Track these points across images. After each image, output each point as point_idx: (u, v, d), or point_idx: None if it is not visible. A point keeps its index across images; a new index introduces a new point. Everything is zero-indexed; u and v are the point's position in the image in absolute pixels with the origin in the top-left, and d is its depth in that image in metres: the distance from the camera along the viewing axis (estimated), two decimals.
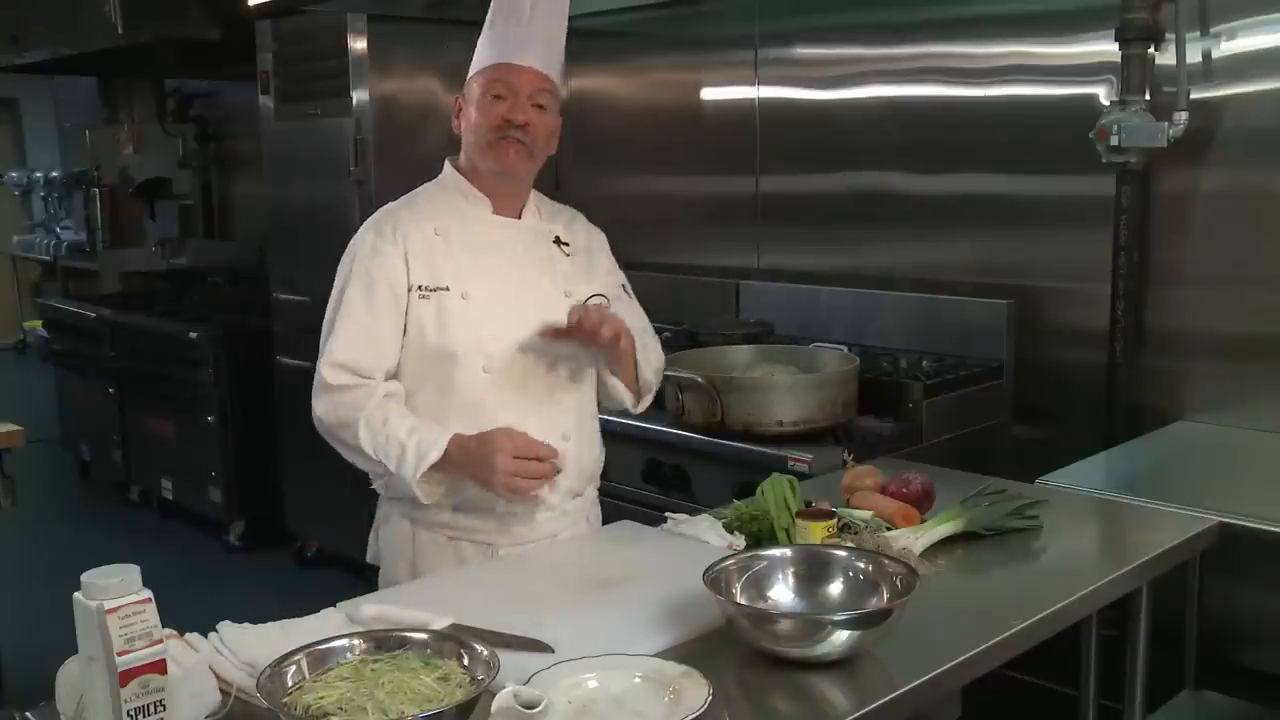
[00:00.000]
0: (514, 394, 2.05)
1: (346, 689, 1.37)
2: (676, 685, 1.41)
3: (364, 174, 4.26)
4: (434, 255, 2.04)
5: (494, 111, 2.02)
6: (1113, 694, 2.20)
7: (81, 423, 6.18)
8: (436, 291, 2.03)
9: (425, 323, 2.02)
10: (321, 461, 2.06)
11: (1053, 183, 3.22)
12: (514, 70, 2.02)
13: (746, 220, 4.01)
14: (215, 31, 4.97)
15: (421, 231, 2.06)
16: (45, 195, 9.05)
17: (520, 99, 2.01)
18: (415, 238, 2.04)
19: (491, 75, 2.04)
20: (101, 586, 1.29)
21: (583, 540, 2.14)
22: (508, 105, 2.01)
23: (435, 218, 2.08)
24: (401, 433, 1.95)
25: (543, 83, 2.04)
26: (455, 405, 2.02)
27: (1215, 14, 2.89)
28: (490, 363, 2.03)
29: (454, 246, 2.06)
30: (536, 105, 2.03)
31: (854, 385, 2.97)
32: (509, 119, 2.01)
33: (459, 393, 2.03)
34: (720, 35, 4.03)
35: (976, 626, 1.69)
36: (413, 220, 2.07)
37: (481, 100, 2.04)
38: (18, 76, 7.66)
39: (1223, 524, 2.16)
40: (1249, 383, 2.92)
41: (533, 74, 2.02)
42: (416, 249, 2.04)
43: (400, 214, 2.09)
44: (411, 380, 2.05)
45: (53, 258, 8.55)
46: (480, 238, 2.08)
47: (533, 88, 2.02)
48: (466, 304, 2.03)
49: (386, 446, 1.95)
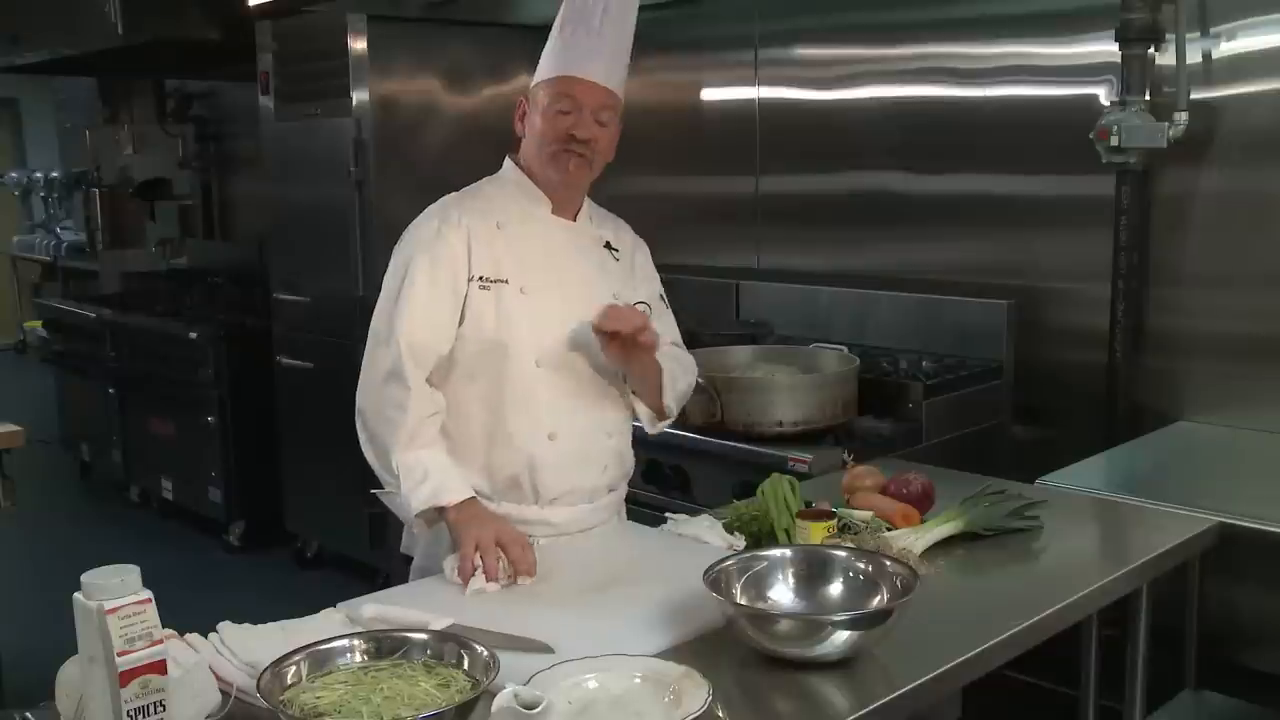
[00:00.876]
0: (564, 388, 2.08)
1: (345, 691, 1.37)
2: (676, 685, 1.42)
3: (364, 174, 4.25)
4: (496, 247, 2.07)
5: (559, 126, 2.03)
6: (1113, 694, 2.20)
7: (81, 423, 6.18)
8: (496, 283, 2.05)
9: (484, 313, 2.05)
10: (322, 462, 2.07)
11: (1053, 183, 3.22)
12: (580, 85, 2.03)
13: (746, 220, 4.01)
14: (215, 32, 4.98)
15: (485, 223, 2.08)
16: (45, 195, 9.05)
17: (585, 115, 2.03)
18: (479, 228, 2.07)
19: (558, 88, 2.04)
20: (102, 587, 1.29)
21: (582, 541, 2.14)
22: (572, 120, 2.03)
23: (498, 211, 2.10)
24: (432, 462, 1.98)
25: (607, 98, 2.05)
26: (507, 396, 2.05)
27: (1215, 14, 2.89)
28: (543, 357, 2.06)
29: (514, 241, 2.09)
30: (599, 122, 2.05)
31: (854, 385, 2.97)
32: (573, 134, 2.03)
33: (510, 384, 2.05)
34: (720, 36, 4.03)
35: (976, 627, 1.69)
36: (476, 211, 2.09)
37: (547, 112, 2.05)
38: (18, 76, 7.67)
39: (1223, 524, 2.17)
40: (1249, 383, 2.91)
41: (597, 89, 2.04)
42: (480, 239, 2.06)
43: (465, 203, 2.11)
44: (465, 369, 2.07)
45: (53, 258, 8.54)
46: (539, 235, 2.11)
47: (597, 103, 2.04)
48: (525, 298, 2.06)
49: (410, 469, 1.97)
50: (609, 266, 2.19)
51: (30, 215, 9.38)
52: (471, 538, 1.88)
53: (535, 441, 2.06)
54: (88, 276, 7.52)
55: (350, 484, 3.14)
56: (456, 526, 1.94)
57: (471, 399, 2.06)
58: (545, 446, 2.06)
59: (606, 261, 2.19)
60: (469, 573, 1.85)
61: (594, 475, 2.13)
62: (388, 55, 4.26)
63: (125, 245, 7.26)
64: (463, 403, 2.06)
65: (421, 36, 4.33)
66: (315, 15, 4.36)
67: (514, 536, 1.91)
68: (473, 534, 1.89)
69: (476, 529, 1.90)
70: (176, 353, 5.21)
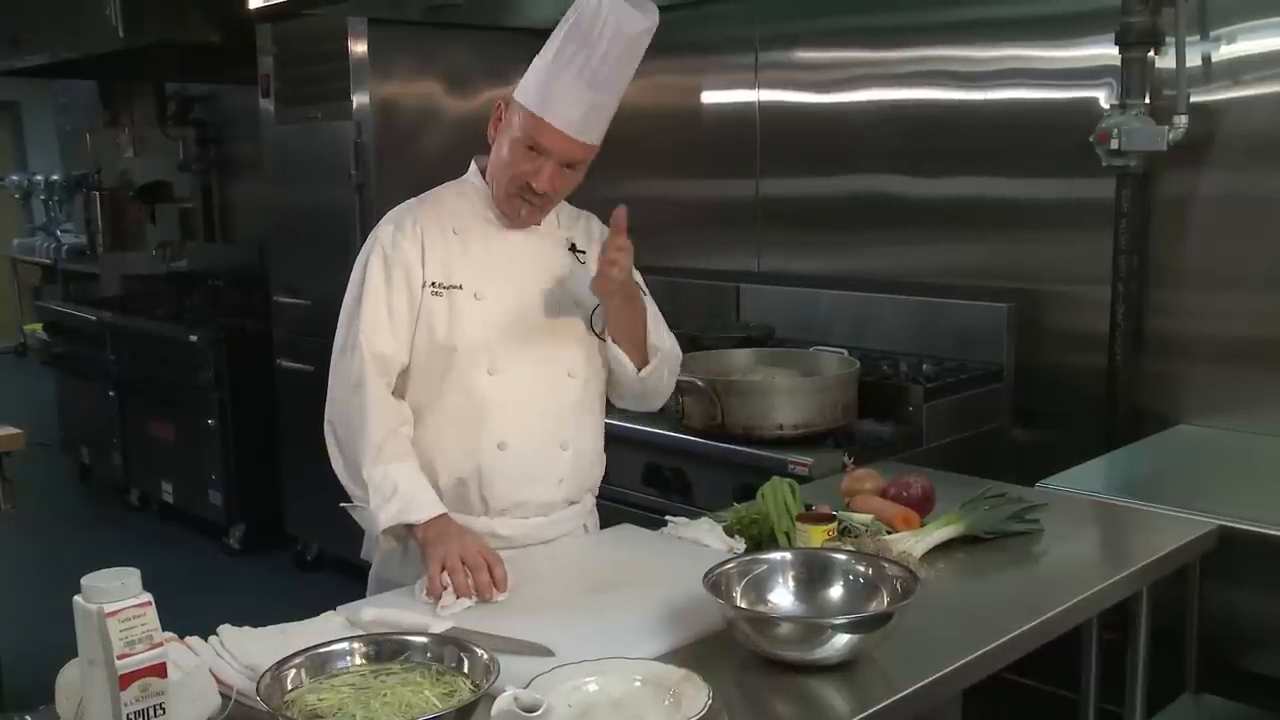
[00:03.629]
0: (517, 398, 2.04)
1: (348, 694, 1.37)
2: (676, 689, 1.41)
3: (364, 177, 4.27)
4: (450, 254, 2.05)
5: (520, 170, 1.99)
6: (1113, 698, 2.20)
7: (82, 426, 6.18)
8: (450, 290, 2.03)
9: (435, 320, 2.02)
10: (322, 464, 2.05)
11: (1053, 186, 3.22)
12: (554, 135, 1.95)
13: (747, 223, 4.01)
14: (216, 35, 4.99)
15: (440, 229, 2.06)
16: (46, 198, 9.06)
17: (549, 165, 1.97)
18: (433, 234, 2.05)
19: (531, 128, 1.96)
20: (102, 590, 1.29)
21: (583, 543, 2.14)
22: (534, 169, 1.98)
23: (455, 216, 2.08)
24: (404, 475, 1.94)
25: (580, 152, 1.99)
26: (459, 405, 2.02)
27: (1215, 17, 2.89)
28: (496, 364, 2.03)
29: (471, 247, 2.06)
30: (566, 166, 2.00)
31: (854, 388, 2.97)
32: (531, 185, 1.99)
33: (462, 393, 2.02)
34: (720, 39, 4.03)
35: (977, 630, 1.69)
36: (432, 217, 2.07)
37: (515, 146, 1.99)
38: (19, 79, 7.68)
39: (1223, 528, 2.16)
40: (1249, 386, 2.91)
41: (573, 144, 1.97)
42: (434, 246, 2.04)
43: (420, 210, 2.09)
44: (416, 376, 2.04)
45: (53, 261, 8.56)
46: (497, 241, 2.08)
47: (567, 155, 1.98)
48: (478, 305, 2.03)
49: (380, 482, 1.93)
50: (573, 271, 2.12)
51: (31, 218, 9.40)
52: (439, 556, 1.83)
53: (483, 451, 2.02)
54: (88, 279, 7.53)
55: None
56: (424, 545, 1.88)
57: (421, 405, 2.03)
58: (494, 456, 2.02)
59: (571, 266, 2.13)
60: (437, 592, 1.80)
61: (547, 489, 2.08)
62: (388, 58, 4.26)
63: (126, 248, 7.26)
64: (413, 409, 2.02)
65: (422, 40, 4.33)
66: (316, 18, 4.36)
67: (481, 553, 1.85)
68: (439, 552, 1.83)
69: (443, 547, 1.84)
70: (177, 355, 5.22)
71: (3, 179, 9.54)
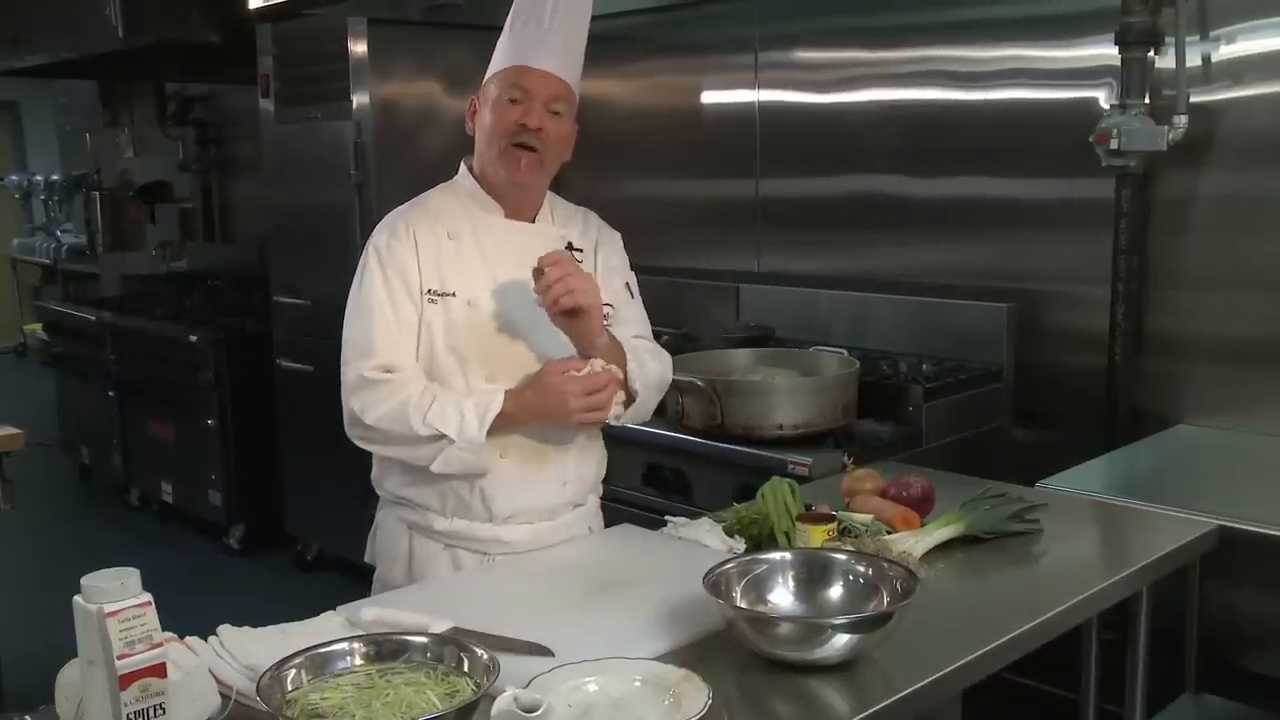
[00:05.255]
0: None
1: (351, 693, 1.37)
2: (676, 689, 1.41)
3: (364, 177, 4.26)
4: (443, 259, 2.04)
5: (508, 116, 2.00)
6: (1113, 698, 2.20)
7: (81, 426, 6.18)
8: (444, 297, 2.02)
9: (433, 327, 2.02)
10: (322, 465, 2.06)
11: (1052, 186, 3.22)
12: (530, 74, 2.00)
13: (747, 223, 4.01)
14: (215, 35, 4.99)
15: (433, 234, 2.05)
16: (45, 198, 9.07)
17: (535, 104, 2.00)
18: (427, 239, 2.04)
19: (508, 78, 2.01)
20: (101, 590, 1.29)
21: (582, 544, 2.14)
22: (522, 110, 1.99)
23: (447, 220, 2.07)
24: (454, 400, 1.96)
25: (559, 88, 2.02)
26: None
27: (1215, 18, 2.89)
28: (493, 371, 2.03)
29: (465, 251, 2.05)
30: (552, 111, 2.01)
31: (854, 388, 2.97)
32: (523, 124, 1.99)
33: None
34: (720, 39, 4.03)
35: (977, 630, 1.69)
36: (425, 222, 2.06)
37: (497, 103, 2.02)
38: (18, 79, 7.68)
39: (1223, 527, 2.16)
40: (1249, 386, 2.91)
41: (550, 79, 2.01)
42: (428, 251, 2.03)
43: (412, 215, 2.08)
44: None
45: (53, 261, 8.56)
46: (491, 243, 2.07)
47: (549, 93, 2.00)
48: (472, 311, 2.03)
49: (444, 414, 1.94)
50: None
51: (30, 218, 9.40)
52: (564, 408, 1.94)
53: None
54: (88, 279, 7.53)
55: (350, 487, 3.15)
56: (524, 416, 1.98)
57: None
58: (495, 464, 2.02)
59: None
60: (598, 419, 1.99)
61: (551, 493, 2.09)
62: (388, 58, 4.26)
63: (125, 248, 7.26)
64: None
65: (422, 40, 4.33)
66: (316, 18, 4.36)
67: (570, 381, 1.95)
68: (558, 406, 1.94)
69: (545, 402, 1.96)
70: (177, 355, 5.22)
71: (3, 179, 9.55)
